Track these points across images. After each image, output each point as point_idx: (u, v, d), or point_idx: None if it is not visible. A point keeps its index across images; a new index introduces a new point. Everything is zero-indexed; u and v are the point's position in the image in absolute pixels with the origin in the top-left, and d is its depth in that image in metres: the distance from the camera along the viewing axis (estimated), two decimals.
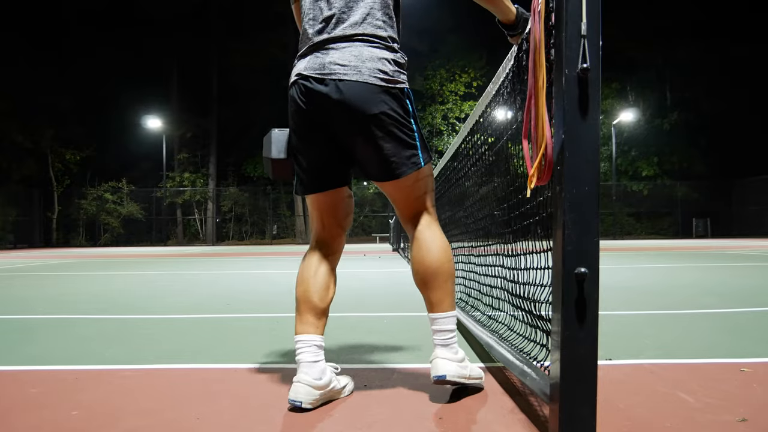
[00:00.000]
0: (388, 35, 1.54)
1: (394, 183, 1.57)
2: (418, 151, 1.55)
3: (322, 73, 1.50)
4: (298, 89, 1.55)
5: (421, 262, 1.57)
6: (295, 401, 1.46)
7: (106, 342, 2.49)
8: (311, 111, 1.53)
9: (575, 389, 1.10)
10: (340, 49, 1.50)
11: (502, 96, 2.00)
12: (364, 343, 2.40)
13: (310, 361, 1.51)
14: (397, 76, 1.52)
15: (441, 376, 1.48)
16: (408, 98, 1.54)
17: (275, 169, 1.70)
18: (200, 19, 28.13)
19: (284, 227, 29.03)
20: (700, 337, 2.43)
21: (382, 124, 1.48)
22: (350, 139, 1.53)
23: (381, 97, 1.48)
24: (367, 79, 1.47)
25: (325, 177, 1.63)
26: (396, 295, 4.26)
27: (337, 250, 1.70)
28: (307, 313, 1.58)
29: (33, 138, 25.75)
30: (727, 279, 5.20)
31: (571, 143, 1.12)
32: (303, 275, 1.63)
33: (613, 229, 25.95)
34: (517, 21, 1.61)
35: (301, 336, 1.55)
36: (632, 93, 28.43)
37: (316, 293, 1.59)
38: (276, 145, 1.68)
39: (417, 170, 1.55)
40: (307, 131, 1.57)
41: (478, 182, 2.64)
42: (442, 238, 1.59)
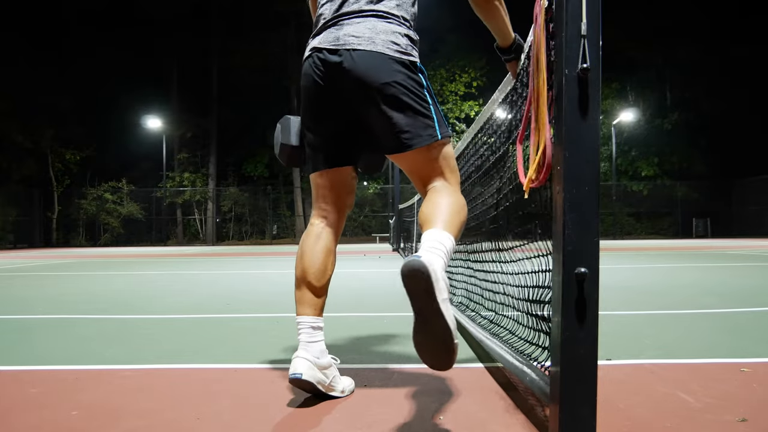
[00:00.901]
0: (401, 15, 1.57)
1: (409, 155, 1.52)
2: (434, 123, 1.52)
3: (336, 44, 1.51)
4: (312, 62, 1.56)
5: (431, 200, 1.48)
6: (294, 374, 1.47)
7: (106, 342, 2.49)
8: (325, 82, 1.54)
9: (575, 389, 1.10)
10: (354, 24, 1.52)
11: (508, 102, 2.00)
12: (364, 343, 2.40)
13: (307, 341, 1.55)
14: (409, 50, 1.53)
15: (417, 256, 1.22)
16: (421, 72, 1.54)
17: (291, 156, 1.72)
18: (200, 19, 28.11)
19: (284, 227, 29.02)
20: (700, 337, 2.43)
21: (395, 92, 1.48)
22: (364, 109, 1.53)
23: (394, 67, 1.49)
24: (380, 49, 1.49)
25: (334, 153, 1.64)
26: (396, 295, 4.26)
27: (337, 228, 1.71)
28: (304, 291, 1.61)
29: (33, 138, 25.73)
30: (727, 279, 5.20)
31: (571, 143, 1.12)
32: (301, 253, 1.65)
33: (613, 229, 25.94)
34: (511, 45, 1.68)
35: (300, 318, 1.59)
36: (632, 93, 28.41)
37: (311, 270, 1.61)
38: (296, 132, 1.71)
39: (433, 142, 1.51)
40: (320, 104, 1.58)
41: (481, 183, 2.64)
42: (460, 195, 1.53)
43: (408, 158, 1.54)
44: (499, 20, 1.60)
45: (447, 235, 1.35)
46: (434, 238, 1.32)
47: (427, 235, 1.35)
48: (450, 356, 1.20)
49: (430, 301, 1.18)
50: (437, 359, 1.22)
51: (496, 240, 2.16)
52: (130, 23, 27.75)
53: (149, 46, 28.01)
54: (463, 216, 1.46)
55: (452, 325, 1.19)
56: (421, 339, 1.21)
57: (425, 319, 1.19)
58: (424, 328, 1.20)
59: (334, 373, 1.59)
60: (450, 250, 1.33)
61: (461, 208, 1.47)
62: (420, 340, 1.22)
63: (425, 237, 1.34)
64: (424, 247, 1.30)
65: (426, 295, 1.18)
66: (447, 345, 1.19)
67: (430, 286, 1.17)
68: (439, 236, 1.33)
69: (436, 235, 1.34)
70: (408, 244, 9.84)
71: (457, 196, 1.50)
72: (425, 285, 1.18)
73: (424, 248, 1.29)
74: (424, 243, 1.32)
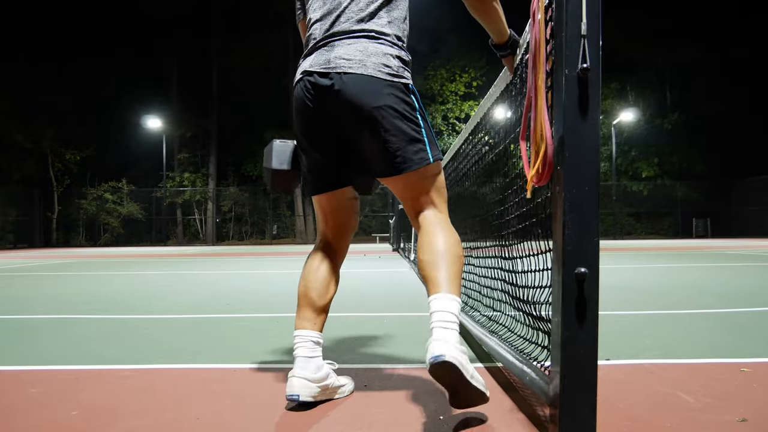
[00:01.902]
0: (393, 33, 1.54)
1: (400, 178, 1.52)
2: (426, 147, 1.52)
3: (327, 68, 1.49)
4: (303, 86, 1.54)
5: (429, 245, 1.47)
6: (292, 395, 1.47)
7: (106, 342, 2.49)
8: (316, 106, 1.53)
9: (575, 389, 1.10)
10: (345, 45, 1.50)
11: (506, 97, 2.00)
12: (364, 343, 2.40)
13: (306, 356, 1.53)
14: (401, 72, 1.51)
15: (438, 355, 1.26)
16: (413, 94, 1.53)
17: (276, 180, 1.70)
18: (200, 19, 28.13)
19: (284, 227, 29.02)
20: (700, 337, 2.43)
21: (386, 116, 1.46)
22: (355, 133, 1.52)
23: (385, 90, 1.47)
24: (371, 72, 1.47)
25: (329, 177, 1.62)
26: (396, 295, 4.26)
27: (340, 250, 1.71)
28: (305, 309, 1.60)
29: (33, 138, 25.74)
30: (726, 279, 5.20)
31: (571, 143, 1.12)
32: (305, 272, 1.66)
33: (613, 229, 25.94)
34: (507, 42, 1.67)
35: (299, 331, 1.58)
36: (632, 93, 28.41)
37: (315, 290, 1.61)
38: (278, 156, 1.67)
39: (424, 166, 1.51)
40: (312, 128, 1.57)
41: (479, 183, 2.64)
42: (452, 230, 1.53)
43: (399, 182, 1.54)
44: (496, 20, 1.59)
45: (454, 300, 1.39)
46: (444, 310, 1.36)
47: (435, 304, 1.38)
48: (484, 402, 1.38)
49: (463, 384, 1.31)
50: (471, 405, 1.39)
51: (497, 239, 2.16)
52: (130, 23, 27.77)
53: (149, 46, 28.03)
54: (461, 260, 1.49)
55: (483, 389, 1.34)
56: (457, 403, 1.36)
57: (459, 394, 1.34)
58: (460, 399, 1.35)
59: (331, 380, 1.57)
60: (458, 312, 1.39)
61: (458, 251, 1.48)
62: (456, 403, 1.37)
63: (434, 306, 1.38)
64: (437, 325, 1.34)
65: (458, 381, 1.30)
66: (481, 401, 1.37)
67: (460, 375, 1.29)
68: (448, 305, 1.37)
69: (444, 305, 1.37)
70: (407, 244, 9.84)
71: (451, 233, 1.51)
72: (455, 375, 1.29)
73: (439, 327, 1.34)
74: (436, 318, 1.36)
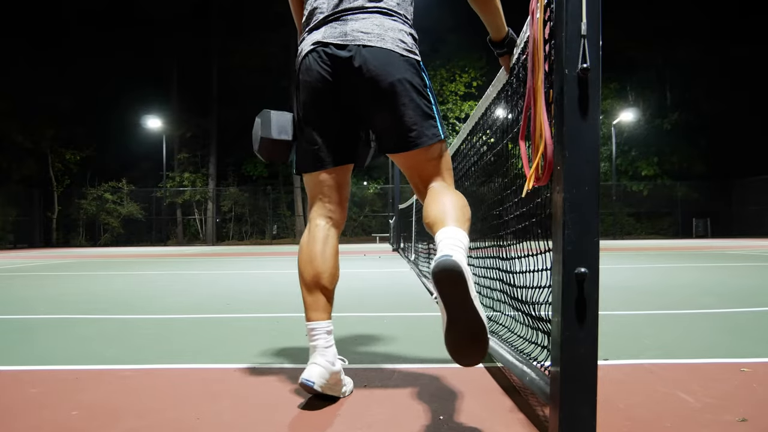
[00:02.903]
0: (403, 12, 1.58)
1: (412, 153, 1.53)
2: (437, 123, 1.53)
3: (345, 40, 1.49)
4: (317, 56, 1.53)
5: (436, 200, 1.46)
6: (308, 380, 1.46)
7: (106, 342, 2.49)
8: (332, 78, 1.52)
9: (575, 389, 1.10)
10: (360, 20, 1.51)
11: (503, 98, 2.00)
12: (365, 343, 2.40)
13: (324, 346, 1.53)
14: (414, 48, 1.55)
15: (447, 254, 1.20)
16: (424, 71, 1.55)
17: (273, 149, 1.66)
18: (200, 19, 28.12)
19: (284, 227, 29.02)
20: (700, 337, 2.43)
21: (404, 90, 1.48)
22: (371, 106, 1.52)
23: (403, 65, 1.49)
24: (389, 46, 1.49)
25: (337, 151, 1.62)
26: (396, 295, 4.26)
27: (340, 227, 1.70)
28: (318, 295, 1.57)
29: (33, 138, 25.74)
30: (726, 279, 5.20)
31: (571, 143, 1.12)
32: (310, 256, 1.60)
33: (613, 229, 25.93)
34: (504, 39, 1.68)
35: (314, 323, 1.55)
36: (632, 93, 28.41)
37: (325, 274, 1.58)
38: (276, 126, 1.65)
39: (436, 142, 1.53)
40: (324, 101, 1.56)
41: (478, 182, 2.64)
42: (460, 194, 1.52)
43: (411, 156, 1.55)
44: (494, 13, 1.61)
45: (462, 233, 1.33)
46: (453, 236, 1.30)
47: (443, 233, 1.32)
48: (483, 350, 1.21)
49: (465, 298, 1.18)
50: (469, 354, 1.22)
51: (496, 239, 2.16)
52: (130, 23, 27.76)
53: (149, 46, 28.02)
54: (468, 214, 1.45)
55: (485, 319, 1.21)
56: (454, 336, 1.20)
57: (458, 316, 1.19)
58: (457, 325, 1.20)
59: (342, 375, 1.58)
60: (467, 247, 1.32)
61: (465, 206, 1.47)
62: (453, 337, 1.21)
63: (442, 235, 1.31)
64: (446, 244, 1.26)
65: (460, 293, 1.18)
66: (480, 339, 1.20)
67: (464, 283, 1.18)
68: (457, 233, 1.31)
69: (453, 233, 1.31)
70: (407, 244, 9.83)
71: (459, 195, 1.50)
72: (460, 283, 1.18)
73: (448, 245, 1.25)
74: (445, 240, 1.28)
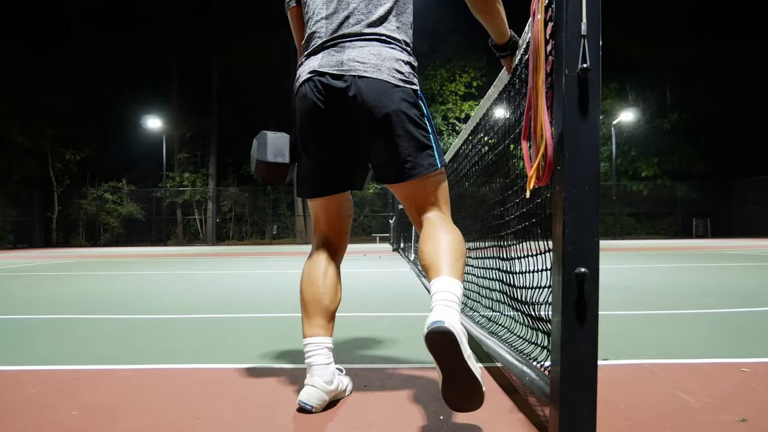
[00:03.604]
0: (402, 38, 1.54)
1: (409, 184, 1.52)
2: (434, 153, 1.52)
3: (341, 70, 1.47)
4: (313, 86, 1.51)
5: (431, 238, 1.45)
6: (306, 404, 1.45)
7: (106, 342, 2.49)
8: (327, 108, 1.51)
9: (575, 389, 1.10)
10: (358, 48, 1.49)
11: (504, 98, 2.01)
12: (364, 343, 2.40)
13: (322, 363, 1.51)
14: (411, 77, 1.52)
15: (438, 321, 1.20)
16: (421, 100, 1.53)
17: (268, 172, 1.66)
18: (200, 19, 28.12)
19: (284, 227, 29.01)
20: (699, 337, 2.43)
21: (399, 122, 1.46)
22: (366, 137, 1.51)
23: (398, 96, 1.47)
24: (385, 77, 1.46)
25: (334, 179, 1.61)
26: (396, 295, 4.26)
27: (341, 251, 1.71)
28: (317, 315, 1.56)
29: (33, 138, 25.73)
30: (726, 279, 5.20)
31: (571, 143, 1.12)
32: (312, 277, 1.61)
33: (613, 229, 25.93)
34: (507, 43, 1.67)
35: (311, 339, 1.54)
36: (632, 93, 28.40)
37: (326, 295, 1.58)
38: (272, 149, 1.64)
39: (432, 172, 1.51)
40: (320, 130, 1.54)
41: (479, 183, 2.64)
42: (456, 230, 1.52)
43: (407, 187, 1.53)
44: (498, 21, 1.59)
45: (456, 283, 1.34)
46: (446, 290, 1.30)
47: (436, 285, 1.33)
48: (479, 402, 1.24)
49: (458, 360, 1.20)
50: (467, 406, 1.25)
51: (496, 239, 2.16)
52: (130, 23, 27.76)
53: (149, 46, 28.01)
54: (463, 253, 1.44)
55: (479, 376, 1.22)
56: (450, 392, 1.23)
57: (453, 375, 1.22)
58: (452, 383, 1.23)
59: (339, 386, 1.55)
60: (460, 297, 1.33)
61: (461, 244, 1.45)
62: (449, 393, 1.24)
63: (436, 287, 1.32)
64: (438, 302, 1.28)
65: (453, 356, 1.20)
66: (476, 393, 1.23)
67: (456, 347, 1.19)
68: (450, 286, 1.31)
69: (446, 285, 1.31)
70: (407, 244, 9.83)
71: (455, 231, 1.49)
72: (452, 347, 1.19)
73: (440, 304, 1.27)
74: (437, 296, 1.29)
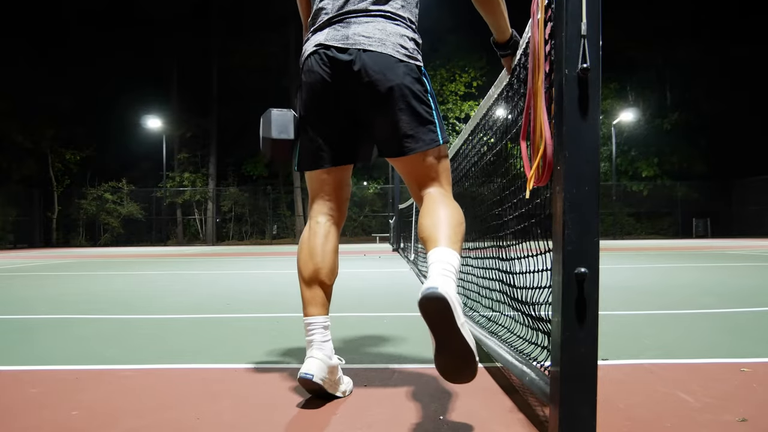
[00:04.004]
0: (407, 16, 1.57)
1: (409, 158, 1.53)
2: (436, 128, 1.53)
3: (346, 43, 1.50)
4: (318, 59, 1.54)
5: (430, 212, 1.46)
6: (307, 374, 1.47)
7: (106, 342, 2.49)
8: (332, 80, 1.53)
9: (575, 389, 1.10)
10: (363, 23, 1.52)
11: (504, 98, 2.01)
12: (364, 343, 2.40)
13: (321, 340, 1.54)
14: (415, 53, 1.54)
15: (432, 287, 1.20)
16: (425, 76, 1.55)
17: (276, 150, 1.66)
18: (200, 19, 28.12)
19: (284, 227, 29.01)
20: (699, 337, 2.43)
21: (402, 96, 1.48)
22: (370, 110, 1.52)
23: (403, 70, 1.49)
24: (390, 51, 1.49)
25: (338, 151, 1.62)
26: (396, 295, 4.26)
27: (340, 224, 1.71)
28: (316, 290, 1.58)
29: (33, 138, 25.73)
30: (727, 279, 5.20)
31: (571, 143, 1.12)
32: (311, 251, 1.61)
33: (613, 229, 25.93)
34: (508, 42, 1.69)
35: (311, 318, 1.57)
36: (632, 93, 28.40)
37: (325, 269, 1.60)
38: (276, 125, 1.65)
39: (434, 148, 1.53)
40: (324, 102, 1.57)
41: (478, 183, 2.64)
42: (456, 204, 1.52)
43: (408, 162, 1.54)
44: (498, 15, 1.61)
45: (454, 254, 1.34)
46: (443, 260, 1.31)
47: (434, 255, 1.33)
48: (472, 372, 1.24)
49: (451, 328, 1.20)
50: (459, 376, 1.25)
51: (496, 239, 2.16)
52: (130, 23, 27.76)
53: (149, 46, 28.01)
54: (463, 227, 1.45)
55: (472, 345, 1.22)
56: (443, 361, 1.24)
57: (446, 343, 1.22)
58: (445, 351, 1.23)
59: (339, 373, 1.59)
60: (458, 268, 1.33)
61: (460, 219, 1.46)
62: (442, 362, 1.24)
63: (433, 257, 1.33)
64: (435, 270, 1.28)
65: (446, 323, 1.20)
66: (469, 363, 1.23)
67: (450, 313, 1.19)
68: (447, 256, 1.32)
69: (443, 255, 1.32)
70: (407, 244, 9.84)
71: (454, 206, 1.50)
72: (445, 314, 1.19)
73: (436, 272, 1.27)
74: (434, 265, 1.30)
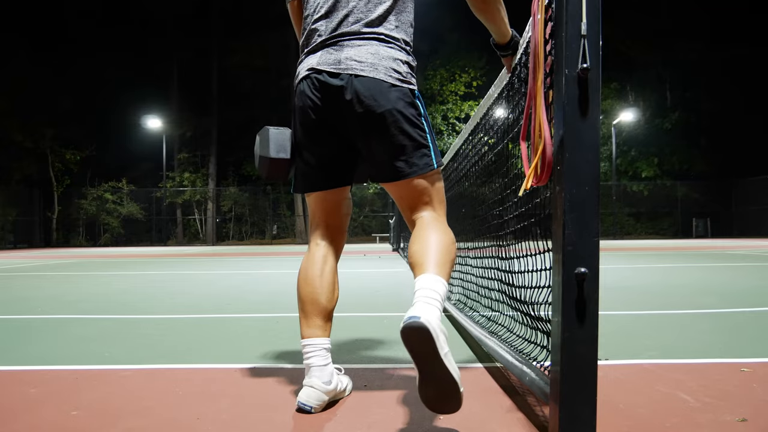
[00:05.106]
0: (401, 38, 1.54)
1: (403, 183, 1.52)
2: (430, 152, 1.51)
3: (338, 68, 1.48)
4: (310, 83, 1.53)
5: (421, 238, 1.44)
6: (305, 405, 1.45)
7: (106, 342, 2.49)
8: (324, 106, 1.51)
9: (575, 389, 1.10)
10: (356, 47, 1.49)
11: (504, 97, 2.01)
12: (364, 343, 2.40)
13: (320, 365, 1.51)
14: (408, 77, 1.51)
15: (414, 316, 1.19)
16: (419, 99, 1.53)
17: (271, 168, 1.65)
18: (200, 19, 28.14)
19: (284, 227, 29.02)
20: (699, 337, 2.43)
21: (395, 121, 1.46)
22: (362, 135, 1.51)
23: (395, 95, 1.47)
24: (382, 76, 1.46)
25: (332, 174, 1.61)
26: (396, 295, 4.26)
27: (339, 249, 1.69)
28: (314, 315, 1.56)
29: (33, 138, 25.74)
30: (726, 279, 5.20)
31: (571, 143, 1.12)
32: (308, 276, 1.60)
33: (613, 229, 25.93)
34: (508, 43, 1.68)
35: (309, 340, 1.54)
36: (632, 93, 28.40)
37: (323, 294, 1.57)
38: (275, 144, 1.64)
39: (428, 172, 1.51)
40: (317, 127, 1.55)
41: (478, 182, 2.64)
42: (448, 231, 1.51)
43: (401, 186, 1.53)
44: (499, 21, 1.60)
45: (440, 281, 1.33)
46: (428, 287, 1.30)
47: (420, 282, 1.32)
48: (457, 404, 1.23)
49: (434, 358, 1.19)
50: (444, 406, 1.24)
51: (496, 239, 2.16)
52: (129, 23, 27.78)
53: (149, 45, 28.04)
54: (452, 254, 1.43)
55: (457, 377, 1.21)
56: (427, 391, 1.22)
57: (429, 373, 1.21)
58: (429, 382, 1.21)
59: (338, 386, 1.55)
60: (444, 295, 1.32)
61: (451, 245, 1.44)
62: (426, 392, 1.22)
63: (418, 284, 1.32)
64: (419, 299, 1.27)
65: (429, 353, 1.19)
66: (453, 393, 1.21)
67: (432, 344, 1.18)
68: (433, 284, 1.31)
69: (429, 282, 1.31)
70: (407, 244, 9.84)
71: (446, 231, 1.48)
72: (428, 344, 1.18)
73: (420, 301, 1.26)
74: (419, 293, 1.29)
